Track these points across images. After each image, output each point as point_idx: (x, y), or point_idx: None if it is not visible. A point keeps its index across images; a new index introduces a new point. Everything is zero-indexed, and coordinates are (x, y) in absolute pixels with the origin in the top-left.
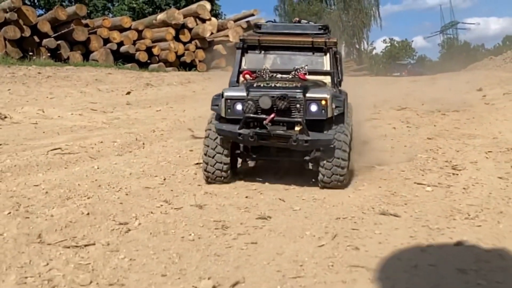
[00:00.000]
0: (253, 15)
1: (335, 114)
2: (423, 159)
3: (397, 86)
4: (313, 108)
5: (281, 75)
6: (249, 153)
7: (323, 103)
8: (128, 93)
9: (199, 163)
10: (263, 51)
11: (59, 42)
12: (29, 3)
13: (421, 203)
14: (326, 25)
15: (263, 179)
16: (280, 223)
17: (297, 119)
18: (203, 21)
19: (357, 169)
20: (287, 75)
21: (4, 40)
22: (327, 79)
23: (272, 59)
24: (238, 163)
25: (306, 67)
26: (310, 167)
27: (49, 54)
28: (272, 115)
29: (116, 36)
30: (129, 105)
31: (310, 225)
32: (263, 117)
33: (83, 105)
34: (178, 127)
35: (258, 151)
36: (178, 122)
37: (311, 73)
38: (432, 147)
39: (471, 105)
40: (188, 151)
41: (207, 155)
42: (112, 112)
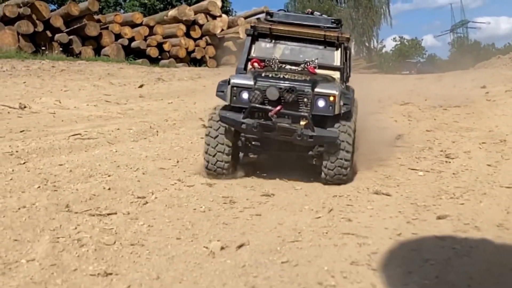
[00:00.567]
0: (263, 12)
1: (342, 111)
2: (419, 148)
3: (403, 83)
4: (321, 103)
5: (290, 66)
6: (251, 145)
7: (331, 99)
8: (140, 86)
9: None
10: (273, 40)
11: (71, 37)
12: None
13: (412, 185)
14: (339, 19)
15: (266, 169)
16: (282, 199)
17: (303, 113)
18: (214, 17)
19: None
20: (296, 67)
21: (17, 34)
22: (336, 75)
23: (282, 49)
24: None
25: (316, 61)
26: (313, 162)
27: (61, 48)
28: (278, 107)
29: (127, 31)
30: (142, 98)
31: (309, 201)
32: (269, 108)
33: (98, 97)
34: (189, 118)
35: (260, 144)
36: (189, 113)
37: (320, 67)
38: (429, 138)
39: (473, 101)
40: (199, 139)
41: (209, 147)
42: (125, 103)
